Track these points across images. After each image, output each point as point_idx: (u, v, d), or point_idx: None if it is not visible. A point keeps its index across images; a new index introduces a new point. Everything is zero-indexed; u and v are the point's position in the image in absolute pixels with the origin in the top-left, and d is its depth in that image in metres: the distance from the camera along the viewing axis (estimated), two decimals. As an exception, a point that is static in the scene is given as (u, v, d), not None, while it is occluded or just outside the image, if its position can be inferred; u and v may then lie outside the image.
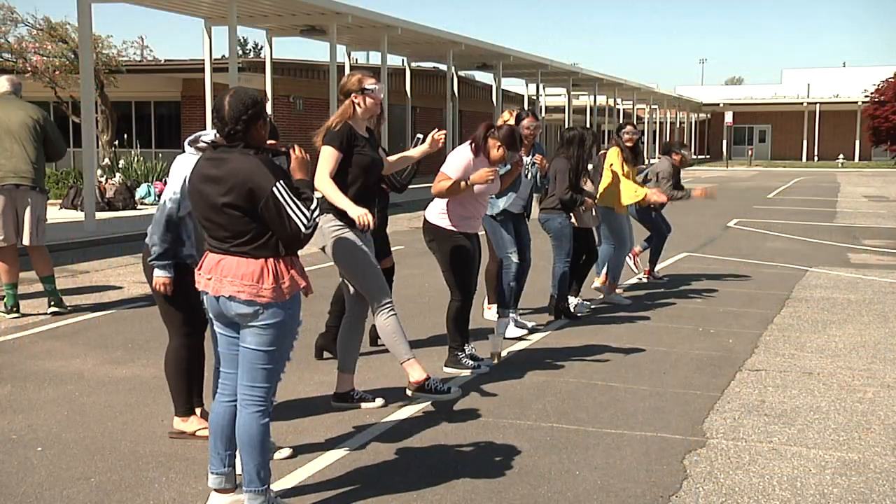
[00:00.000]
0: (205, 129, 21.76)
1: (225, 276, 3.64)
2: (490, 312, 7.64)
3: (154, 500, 3.98)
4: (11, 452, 4.55)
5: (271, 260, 3.63)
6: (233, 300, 3.63)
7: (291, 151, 3.78)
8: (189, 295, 4.47)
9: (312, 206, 3.62)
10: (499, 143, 5.91)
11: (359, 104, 5.08)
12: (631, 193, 8.50)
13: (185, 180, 4.40)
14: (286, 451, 4.47)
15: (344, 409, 5.27)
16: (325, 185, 4.96)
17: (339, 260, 5.12)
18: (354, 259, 5.08)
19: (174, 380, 4.70)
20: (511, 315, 7.20)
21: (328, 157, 5.00)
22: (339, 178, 5.05)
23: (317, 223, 3.63)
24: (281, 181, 3.57)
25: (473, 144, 5.91)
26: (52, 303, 7.87)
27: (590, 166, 8.06)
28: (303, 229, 3.57)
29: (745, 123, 67.23)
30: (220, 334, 3.80)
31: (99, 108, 19.68)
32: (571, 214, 7.80)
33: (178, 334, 4.67)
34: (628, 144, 8.66)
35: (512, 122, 7.14)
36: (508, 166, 6.21)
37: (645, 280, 10.05)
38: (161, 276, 4.53)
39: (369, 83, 5.08)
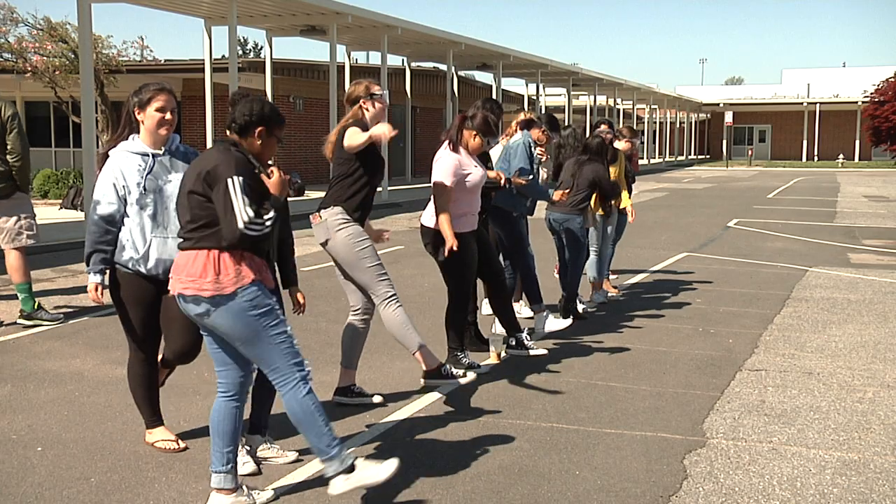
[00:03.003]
0: (205, 128, 21.71)
1: (176, 274, 3.73)
2: (488, 307, 7.64)
3: (154, 500, 3.98)
4: (11, 452, 4.55)
5: (215, 251, 3.65)
6: (181, 298, 3.71)
7: (273, 172, 3.83)
8: (137, 306, 4.42)
9: (265, 216, 3.62)
10: (474, 133, 5.90)
11: (367, 109, 5.21)
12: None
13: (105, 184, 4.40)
14: (292, 455, 4.46)
15: (343, 402, 5.31)
16: (350, 138, 5.02)
17: (342, 253, 5.12)
18: (361, 252, 5.09)
19: (134, 393, 4.64)
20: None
21: (355, 132, 5.04)
22: (349, 178, 5.12)
23: (263, 230, 3.61)
24: (240, 178, 3.60)
25: (451, 144, 5.89)
26: (22, 313, 7.52)
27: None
28: (239, 224, 3.57)
29: (745, 123, 67.25)
30: (203, 335, 3.86)
31: (99, 108, 19.66)
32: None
33: (131, 348, 4.57)
34: None
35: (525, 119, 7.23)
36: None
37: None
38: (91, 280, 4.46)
39: (376, 89, 5.24)
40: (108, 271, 4.45)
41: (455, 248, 5.60)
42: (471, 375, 5.33)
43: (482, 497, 4.04)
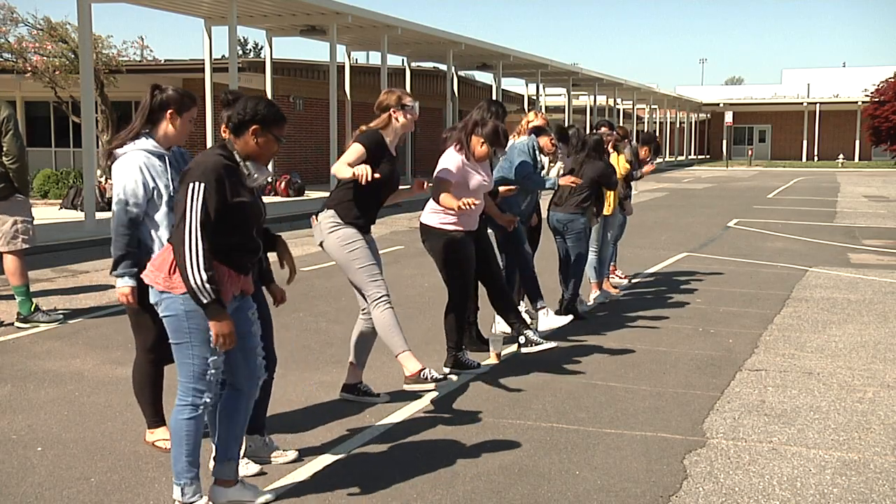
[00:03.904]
0: (205, 128, 21.70)
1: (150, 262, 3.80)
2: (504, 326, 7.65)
3: (154, 500, 3.98)
4: (11, 452, 4.55)
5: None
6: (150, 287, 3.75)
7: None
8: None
9: (202, 267, 3.50)
10: (482, 140, 5.81)
11: (396, 118, 5.22)
12: None
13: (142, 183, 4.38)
14: (292, 454, 4.46)
15: (349, 399, 5.34)
16: (339, 166, 4.99)
17: (335, 255, 5.16)
18: (350, 253, 5.10)
19: (139, 393, 4.64)
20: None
21: (355, 152, 5.04)
22: (350, 183, 5.10)
23: (194, 276, 3.50)
24: (203, 185, 3.54)
25: (458, 145, 5.88)
26: (18, 315, 7.53)
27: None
28: (184, 233, 3.51)
29: (745, 123, 67.26)
30: None
31: (99, 108, 19.66)
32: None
33: (141, 348, 4.57)
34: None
35: (537, 122, 7.18)
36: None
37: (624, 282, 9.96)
38: (121, 285, 4.43)
39: (408, 100, 5.23)
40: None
41: (466, 205, 5.46)
42: (452, 378, 5.27)
43: (482, 497, 4.04)
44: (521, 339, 6.20)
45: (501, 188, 6.67)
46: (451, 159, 5.84)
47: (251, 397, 3.89)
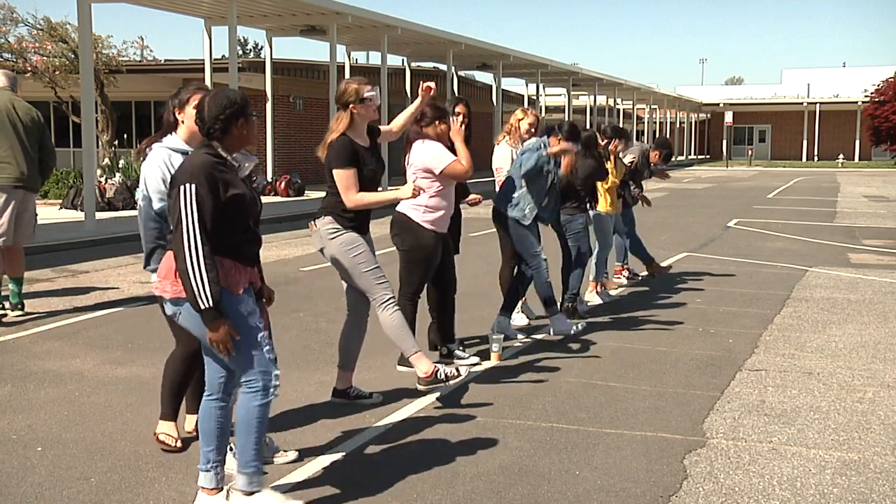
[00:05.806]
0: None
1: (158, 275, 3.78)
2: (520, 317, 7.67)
3: (154, 500, 3.98)
4: (11, 452, 4.55)
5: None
6: (161, 299, 3.73)
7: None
8: None
9: (204, 269, 3.49)
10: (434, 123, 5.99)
11: (358, 114, 5.11)
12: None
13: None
14: (292, 455, 4.45)
15: (341, 405, 5.30)
16: (358, 198, 5.05)
17: (338, 260, 5.15)
18: (355, 258, 5.10)
19: (170, 383, 4.64)
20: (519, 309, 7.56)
21: (346, 178, 5.04)
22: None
23: (201, 282, 3.49)
24: (194, 185, 3.52)
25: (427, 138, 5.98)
26: (18, 304, 7.72)
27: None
28: (182, 236, 3.49)
29: (745, 123, 67.28)
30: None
31: (99, 108, 19.67)
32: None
33: (187, 344, 4.54)
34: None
35: (527, 120, 7.30)
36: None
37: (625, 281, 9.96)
38: None
39: (367, 92, 5.08)
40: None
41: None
42: (464, 372, 5.25)
43: (482, 497, 4.04)
44: (444, 350, 6.22)
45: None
46: (438, 146, 5.90)
47: (227, 403, 3.88)
